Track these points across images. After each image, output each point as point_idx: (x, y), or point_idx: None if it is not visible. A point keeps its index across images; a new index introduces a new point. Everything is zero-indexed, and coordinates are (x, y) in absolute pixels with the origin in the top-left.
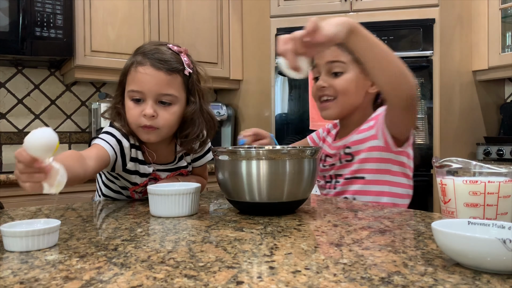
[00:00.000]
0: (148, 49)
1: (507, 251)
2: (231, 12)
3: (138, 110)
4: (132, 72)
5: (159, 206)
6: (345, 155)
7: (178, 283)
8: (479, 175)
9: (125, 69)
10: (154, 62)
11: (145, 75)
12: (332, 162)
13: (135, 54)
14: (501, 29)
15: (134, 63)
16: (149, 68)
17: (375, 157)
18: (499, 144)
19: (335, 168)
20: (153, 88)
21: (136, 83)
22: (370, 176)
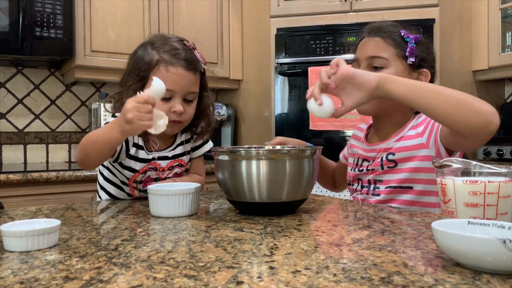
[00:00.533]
0: (169, 48)
1: (507, 251)
2: (231, 12)
3: (166, 107)
4: (161, 71)
5: (159, 206)
6: (387, 161)
7: (178, 283)
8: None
9: (147, 65)
10: (185, 64)
11: (177, 76)
12: (370, 166)
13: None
14: (501, 29)
15: (162, 62)
16: (181, 69)
17: (425, 167)
18: (499, 144)
19: (375, 173)
20: (184, 88)
21: (167, 82)
22: (420, 186)
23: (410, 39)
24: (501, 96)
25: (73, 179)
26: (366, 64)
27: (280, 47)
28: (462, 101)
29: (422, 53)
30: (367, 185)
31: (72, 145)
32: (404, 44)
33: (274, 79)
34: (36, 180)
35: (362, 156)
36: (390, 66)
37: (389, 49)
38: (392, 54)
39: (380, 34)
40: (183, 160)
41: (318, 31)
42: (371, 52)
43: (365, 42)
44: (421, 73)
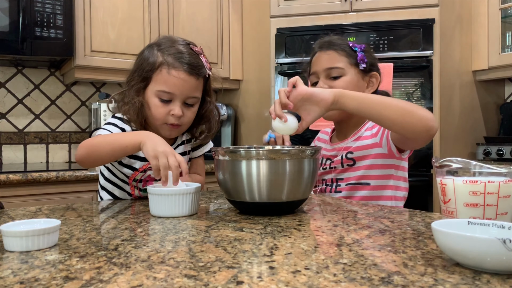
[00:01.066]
0: (174, 51)
1: (507, 251)
2: (231, 12)
3: (165, 109)
4: (163, 73)
5: (159, 206)
6: (347, 159)
7: (178, 283)
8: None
9: (151, 66)
10: (187, 68)
11: (178, 79)
12: (332, 165)
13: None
14: (501, 29)
15: (164, 64)
16: (182, 73)
17: (379, 164)
18: (499, 144)
19: (336, 171)
20: (184, 92)
21: (168, 85)
22: (375, 182)
23: (358, 49)
24: (501, 96)
25: (73, 179)
26: (324, 75)
27: (280, 47)
28: (408, 111)
29: (370, 59)
30: (330, 183)
31: (72, 145)
32: (354, 53)
33: (274, 79)
34: (36, 180)
35: (325, 156)
36: (346, 74)
37: (343, 59)
38: (346, 63)
39: (332, 48)
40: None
41: (318, 31)
42: (327, 64)
43: (319, 57)
44: (372, 75)
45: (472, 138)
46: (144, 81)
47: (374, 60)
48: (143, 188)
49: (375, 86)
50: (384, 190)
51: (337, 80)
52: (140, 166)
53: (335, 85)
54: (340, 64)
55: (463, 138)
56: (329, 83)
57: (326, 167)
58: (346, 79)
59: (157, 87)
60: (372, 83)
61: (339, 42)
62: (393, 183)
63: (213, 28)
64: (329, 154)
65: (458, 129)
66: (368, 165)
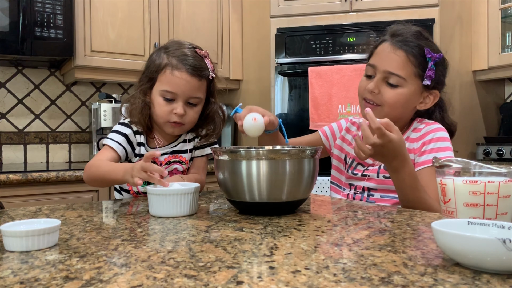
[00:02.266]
0: (180, 54)
1: (507, 251)
2: (231, 12)
3: (168, 108)
4: (167, 74)
5: (158, 206)
6: (385, 169)
7: (178, 283)
8: (479, 175)
9: (157, 67)
10: (190, 69)
11: (180, 80)
12: (366, 172)
13: (167, 54)
14: (501, 29)
15: (169, 66)
16: (185, 74)
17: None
18: (499, 144)
19: (372, 181)
20: (186, 91)
21: (171, 85)
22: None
23: (432, 60)
24: (501, 96)
25: (73, 179)
26: (381, 77)
27: (280, 47)
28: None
29: (438, 76)
30: (360, 191)
31: (72, 145)
32: (424, 62)
33: (274, 79)
34: (36, 180)
35: (357, 159)
36: (405, 86)
37: (409, 67)
38: (411, 73)
39: (403, 48)
40: (183, 157)
41: (318, 31)
42: (391, 67)
43: (386, 51)
44: (431, 93)
45: (472, 138)
46: (150, 82)
47: (442, 77)
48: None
49: (429, 104)
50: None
51: (392, 88)
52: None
53: (387, 92)
54: (403, 73)
55: (463, 138)
56: (383, 88)
57: (358, 173)
58: (402, 92)
59: (161, 87)
60: (428, 100)
61: (414, 42)
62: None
63: (213, 28)
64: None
65: (458, 129)
66: None
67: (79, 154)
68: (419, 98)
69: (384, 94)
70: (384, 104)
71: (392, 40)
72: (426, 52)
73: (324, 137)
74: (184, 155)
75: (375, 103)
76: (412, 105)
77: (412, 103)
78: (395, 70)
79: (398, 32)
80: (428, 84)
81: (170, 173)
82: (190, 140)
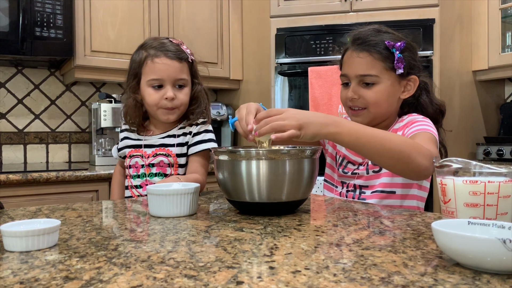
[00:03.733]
0: (156, 44)
1: (507, 251)
2: (231, 12)
3: (158, 94)
4: (149, 64)
5: (158, 206)
6: (373, 165)
7: (178, 283)
8: (479, 175)
9: (138, 63)
10: (168, 54)
11: (162, 65)
12: (357, 170)
13: (144, 49)
14: (501, 29)
15: (148, 57)
16: (165, 59)
17: None
18: (499, 144)
19: (362, 178)
20: (171, 75)
21: (155, 72)
22: (401, 190)
23: (396, 49)
24: (501, 96)
25: (73, 179)
26: (356, 81)
27: (280, 47)
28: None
29: (409, 61)
30: (352, 189)
31: (72, 145)
32: (391, 55)
33: (274, 79)
34: (36, 180)
35: (347, 158)
36: (381, 82)
37: (378, 64)
38: (381, 69)
39: (366, 49)
40: (170, 151)
41: (318, 31)
42: (361, 70)
43: (351, 58)
44: (410, 79)
45: (472, 138)
46: (136, 78)
47: (414, 61)
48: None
49: (411, 91)
50: (410, 200)
51: (369, 88)
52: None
53: (367, 94)
54: (374, 71)
55: (463, 138)
56: (361, 91)
57: (348, 172)
58: (380, 89)
59: (147, 78)
60: (409, 88)
61: (375, 41)
62: (417, 192)
63: (213, 28)
64: (352, 158)
65: (458, 129)
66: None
67: (79, 154)
68: (399, 88)
69: (364, 96)
70: (368, 106)
71: (353, 46)
72: (388, 44)
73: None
74: (171, 149)
75: (359, 108)
76: (394, 98)
77: (393, 95)
78: (365, 71)
79: (357, 36)
80: (402, 72)
81: (156, 165)
82: (179, 135)
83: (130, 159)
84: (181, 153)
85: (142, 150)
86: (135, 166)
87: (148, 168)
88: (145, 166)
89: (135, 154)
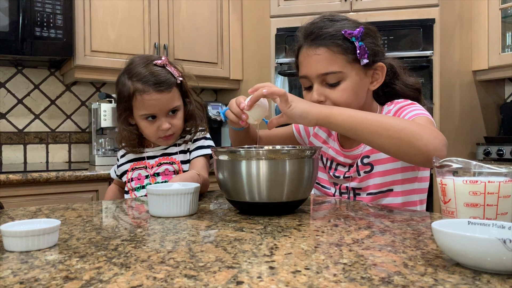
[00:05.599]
0: (143, 74)
1: (507, 251)
2: (231, 12)
3: (154, 126)
4: (138, 99)
5: (158, 206)
6: (363, 165)
7: (178, 283)
8: (479, 175)
9: (127, 96)
10: (156, 88)
11: (152, 101)
12: (348, 174)
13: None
14: (501, 29)
15: (136, 92)
16: (154, 94)
17: (401, 166)
18: (499, 144)
19: (356, 181)
20: (163, 108)
21: (146, 108)
22: (399, 187)
23: (355, 38)
24: (501, 96)
25: (73, 179)
26: (319, 82)
27: (280, 47)
28: (405, 141)
29: (372, 47)
30: (345, 191)
31: (72, 145)
32: (351, 45)
33: (274, 79)
34: (36, 180)
35: (336, 160)
36: (346, 77)
37: (339, 58)
38: (344, 63)
39: (322, 43)
40: (174, 158)
41: None
42: (320, 68)
43: (307, 55)
44: (376, 68)
45: (472, 138)
46: (128, 110)
47: (377, 47)
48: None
49: (381, 79)
50: (410, 195)
51: (335, 88)
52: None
53: (332, 94)
54: (336, 67)
55: (463, 138)
56: (326, 92)
57: (340, 176)
58: (346, 86)
59: (139, 112)
60: (377, 76)
61: (330, 32)
62: (418, 186)
63: (213, 28)
64: (342, 160)
65: (458, 129)
66: (389, 170)
67: (79, 154)
68: (366, 80)
69: (330, 97)
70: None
71: (308, 42)
72: (345, 34)
73: (296, 132)
74: (175, 156)
75: None
76: (363, 91)
77: (362, 89)
78: (326, 69)
79: (309, 31)
80: (367, 61)
81: (161, 174)
82: (180, 144)
83: (132, 172)
84: (184, 159)
85: (145, 161)
86: (137, 178)
87: (153, 178)
88: (150, 176)
89: (138, 167)
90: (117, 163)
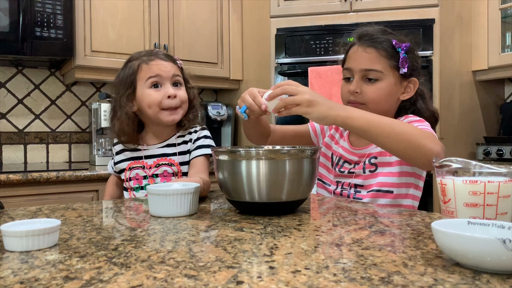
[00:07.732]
0: (148, 51)
1: (507, 251)
2: (231, 12)
3: (159, 93)
4: (144, 68)
5: (158, 206)
6: (370, 164)
7: (178, 283)
8: (479, 175)
9: (131, 73)
10: (161, 56)
11: (158, 65)
12: (353, 170)
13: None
14: (501, 29)
15: (142, 62)
16: (159, 60)
17: (404, 171)
18: (499, 144)
19: (359, 178)
20: (168, 72)
21: (152, 71)
22: (397, 190)
23: (402, 49)
24: (501, 96)
25: (73, 179)
26: (360, 76)
27: (280, 47)
28: (412, 145)
29: (412, 63)
30: (347, 187)
31: (72, 145)
32: (396, 54)
33: (274, 79)
34: (36, 180)
35: (344, 157)
36: (384, 78)
37: (383, 61)
38: (386, 66)
39: (373, 45)
40: (172, 160)
41: (318, 31)
42: (366, 64)
43: (357, 52)
44: (410, 81)
45: (472, 138)
46: (131, 87)
47: (417, 64)
48: (134, 186)
49: (411, 92)
50: (406, 199)
51: (372, 84)
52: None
53: (368, 89)
54: (379, 67)
55: (463, 138)
56: (363, 86)
57: (345, 171)
58: (382, 85)
59: (144, 78)
60: (409, 89)
61: (382, 38)
62: (413, 192)
63: (213, 28)
64: (348, 158)
65: (458, 129)
66: (391, 172)
67: (79, 154)
68: (400, 88)
69: (365, 92)
70: (368, 102)
71: (360, 42)
72: (395, 43)
73: (312, 131)
74: (173, 158)
75: (359, 103)
76: (394, 97)
77: (394, 95)
78: (370, 66)
79: (364, 33)
80: (405, 71)
81: (160, 175)
82: (179, 144)
83: (130, 171)
84: (183, 161)
85: (143, 161)
86: (135, 178)
87: (151, 179)
88: (148, 177)
89: (135, 166)
90: (114, 159)
